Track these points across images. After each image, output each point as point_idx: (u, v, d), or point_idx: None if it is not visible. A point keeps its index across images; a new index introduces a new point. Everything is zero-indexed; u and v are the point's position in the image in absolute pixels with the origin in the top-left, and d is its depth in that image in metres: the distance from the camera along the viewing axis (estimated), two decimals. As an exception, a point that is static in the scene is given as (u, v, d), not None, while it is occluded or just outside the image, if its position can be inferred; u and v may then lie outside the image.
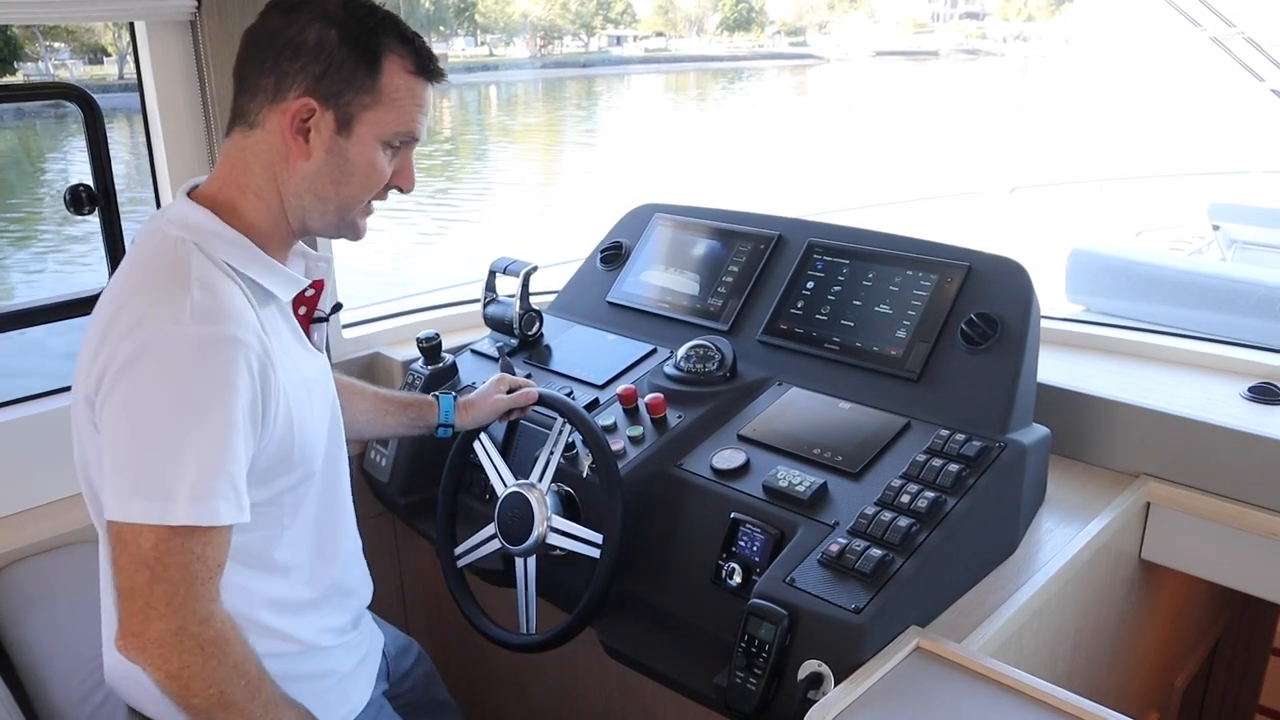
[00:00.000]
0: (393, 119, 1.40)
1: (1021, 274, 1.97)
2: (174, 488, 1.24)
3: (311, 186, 1.40)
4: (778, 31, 79.49)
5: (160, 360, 1.26)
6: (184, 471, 1.24)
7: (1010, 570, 1.81)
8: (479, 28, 61.78)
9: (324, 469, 1.53)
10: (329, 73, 1.35)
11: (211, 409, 1.26)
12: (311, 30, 1.35)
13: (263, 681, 1.35)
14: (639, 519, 1.88)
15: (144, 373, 1.26)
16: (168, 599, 1.25)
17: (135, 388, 1.26)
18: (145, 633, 1.26)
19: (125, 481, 1.25)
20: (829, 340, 2.09)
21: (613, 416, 2.05)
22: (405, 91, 1.40)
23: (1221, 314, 4.05)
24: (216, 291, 1.31)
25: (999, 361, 1.89)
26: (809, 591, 1.57)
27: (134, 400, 1.26)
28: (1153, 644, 2.41)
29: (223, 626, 1.30)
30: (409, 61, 1.40)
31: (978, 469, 1.73)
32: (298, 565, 1.52)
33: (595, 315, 2.46)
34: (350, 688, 1.63)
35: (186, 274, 1.31)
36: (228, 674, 1.30)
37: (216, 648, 1.29)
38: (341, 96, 1.36)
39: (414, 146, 1.48)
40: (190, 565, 1.26)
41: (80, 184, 2.15)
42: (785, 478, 1.79)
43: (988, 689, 1.48)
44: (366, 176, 1.42)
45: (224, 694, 1.30)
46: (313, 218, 1.44)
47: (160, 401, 1.26)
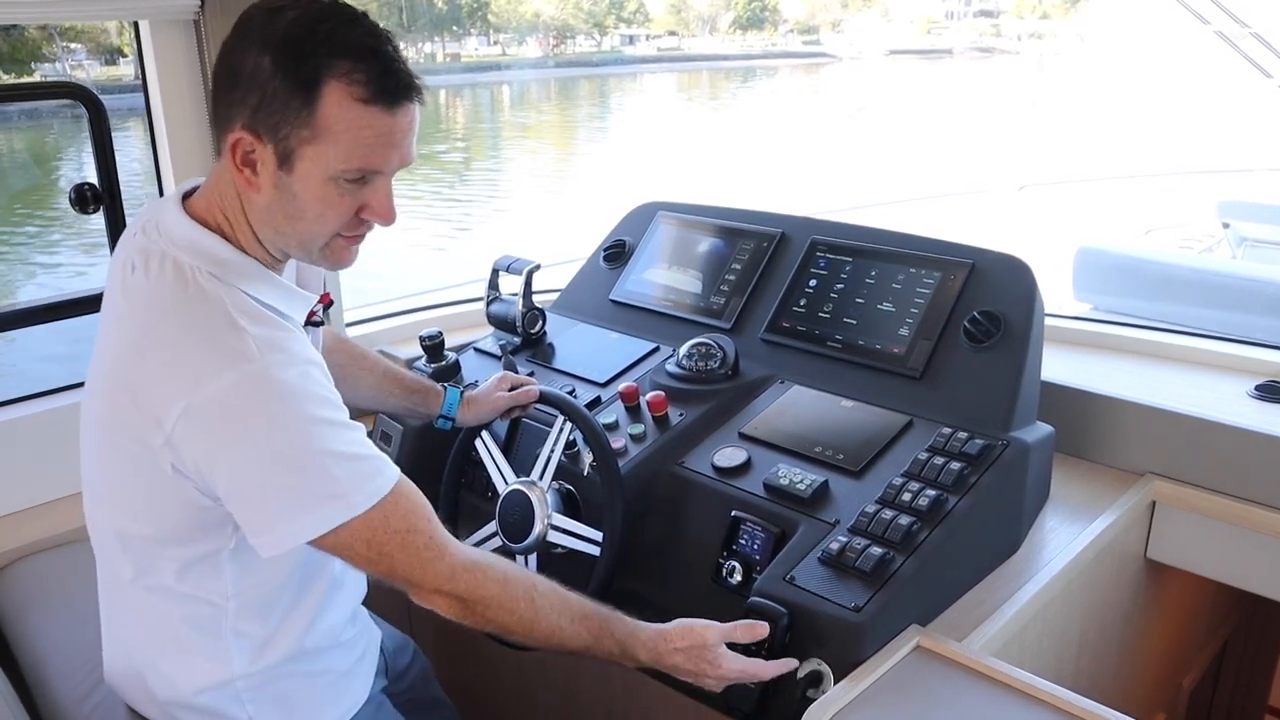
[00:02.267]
0: (337, 154, 1.26)
1: (1025, 271, 1.96)
2: (330, 493, 1.29)
3: (268, 219, 1.33)
4: (791, 30, 79.35)
5: (250, 403, 1.25)
6: (331, 476, 1.29)
7: (1013, 569, 1.80)
8: (492, 27, 61.84)
9: None
10: (264, 104, 1.24)
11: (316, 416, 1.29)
12: (249, 56, 1.24)
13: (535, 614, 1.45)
14: (640, 517, 1.88)
15: (244, 421, 1.25)
16: (406, 575, 1.38)
17: (247, 438, 1.26)
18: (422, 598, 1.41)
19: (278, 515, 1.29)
20: (831, 338, 2.08)
21: (614, 414, 2.04)
22: (351, 122, 1.25)
23: (1230, 312, 4.02)
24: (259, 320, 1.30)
25: (1002, 359, 1.88)
26: (809, 590, 1.57)
27: (253, 448, 1.26)
28: (1159, 644, 2.39)
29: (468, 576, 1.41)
30: (357, 88, 1.24)
31: (980, 467, 1.72)
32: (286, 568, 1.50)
33: (598, 313, 2.46)
34: (349, 685, 1.63)
35: (218, 308, 1.29)
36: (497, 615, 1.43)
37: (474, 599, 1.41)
38: (278, 130, 1.25)
39: (385, 177, 1.33)
40: (402, 533, 1.35)
41: (85, 183, 2.16)
42: (786, 476, 1.79)
43: (989, 688, 1.47)
44: (319, 214, 1.31)
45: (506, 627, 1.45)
46: (283, 247, 1.37)
47: (280, 440, 1.27)
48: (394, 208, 1.35)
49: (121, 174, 2.24)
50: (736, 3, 74.80)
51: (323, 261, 1.40)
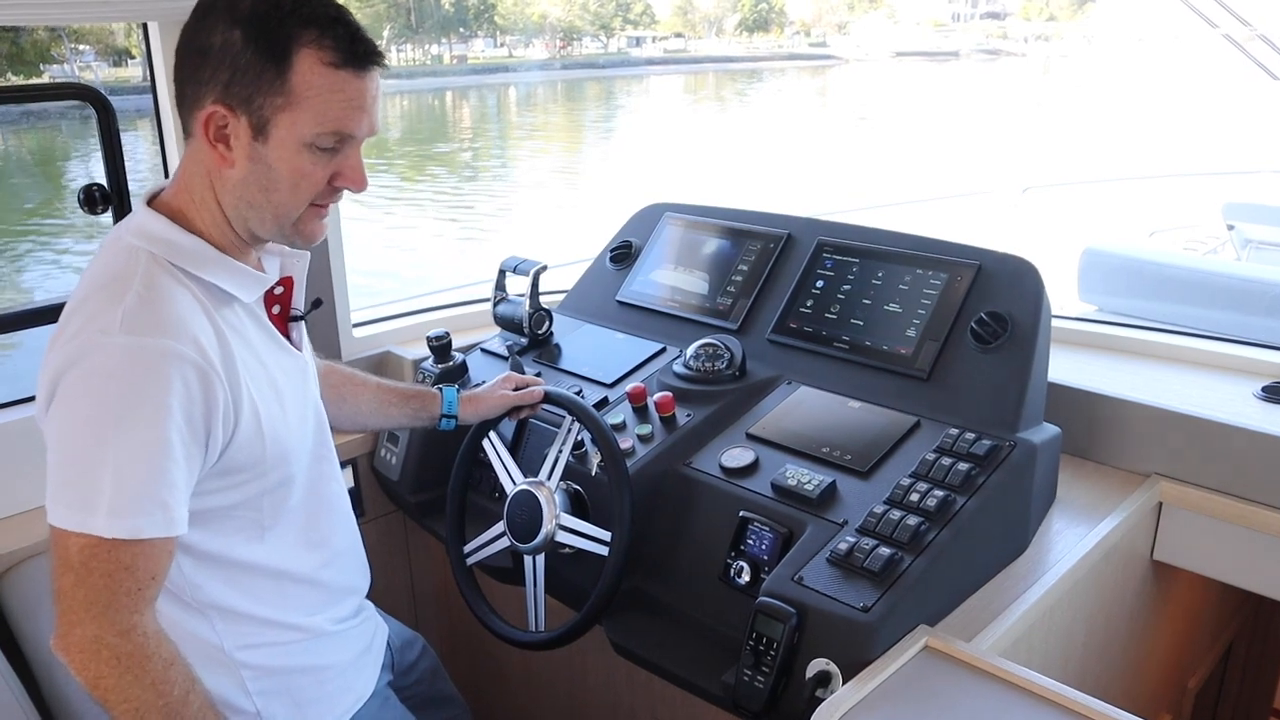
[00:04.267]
0: (311, 118, 1.29)
1: (1032, 272, 1.96)
2: (93, 500, 1.23)
3: (242, 194, 1.35)
4: (797, 32, 79.39)
5: (86, 370, 1.24)
6: (102, 486, 1.23)
7: (1020, 570, 1.80)
8: (498, 29, 61.91)
9: (308, 467, 1.53)
10: (236, 77, 1.27)
11: (134, 424, 1.24)
12: (217, 33, 1.28)
13: (184, 706, 1.30)
14: (648, 517, 1.88)
15: (72, 381, 1.25)
16: (87, 605, 1.25)
17: (64, 395, 1.25)
18: (68, 636, 1.26)
19: (53, 487, 1.26)
20: (838, 339, 2.08)
21: (621, 415, 2.05)
22: (324, 87, 1.29)
23: (1235, 314, 4.01)
24: (156, 300, 1.28)
25: (1009, 360, 1.88)
26: (817, 590, 1.57)
27: (62, 408, 1.26)
28: (1165, 645, 2.39)
29: (143, 640, 1.27)
30: (326, 53, 1.28)
31: (988, 468, 1.72)
32: (286, 562, 1.51)
33: (605, 314, 2.46)
34: (353, 678, 1.64)
35: (129, 281, 1.29)
36: (144, 692, 1.27)
37: (134, 662, 1.26)
38: (252, 100, 1.28)
39: (356, 143, 1.36)
40: (115, 574, 1.25)
41: (94, 184, 2.17)
42: (794, 476, 1.79)
43: (997, 688, 1.47)
44: (294, 183, 1.33)
45: (138, 711, 1.27)
46: (255, 225, 1.38)
47: (82, 412, 1.25)
48: (365, 173, 1.37)
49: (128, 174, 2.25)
50: (742, 5, 74.83)
51: (295, 236, 1.40)
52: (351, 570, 1.67)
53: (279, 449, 1.43)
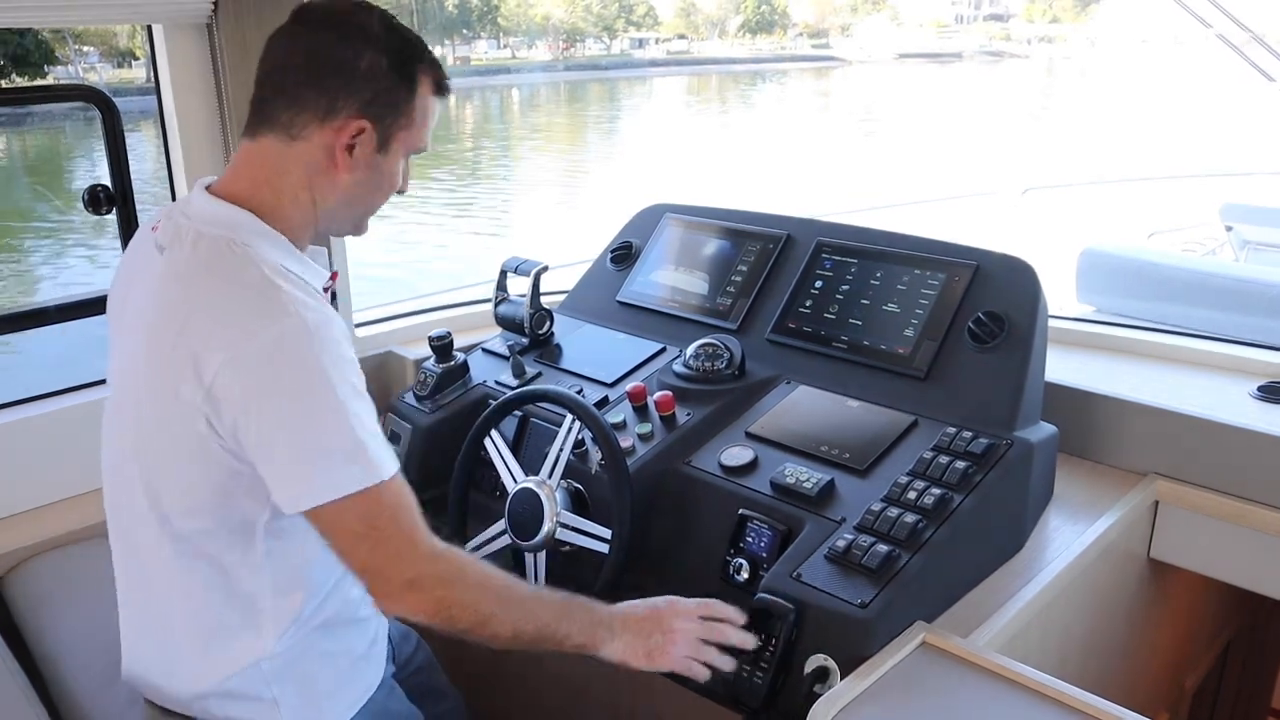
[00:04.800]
0: (418, 136, 1.52)
1: (1029, 273, 1.97)
2: (362, 456, 1.34)
3: (347, 196, 1.50)
4: (800, 34, 79.40)
5: (293, 354, 1.33)
6: (362, 441, 1.35)
7: (1017, 567, 1.81)
8: (501, 31, 61.97)
9: None
10: (379, 97, 1.44)
11: (344, 379, 1.36)
12: (364, 56, 1.43)
13: (509, 589, 1.48)
14: (648, 515, 1.90)
15: (285, 371, 1.33)
16: (394, 559, 1.38)
17: (284, 387, 1.34)
18: (391, 593, 1.40)
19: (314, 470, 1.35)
20: (837, 339, 2.10)
21: (622, 414, 2.06)
22: (429, 112, 1.52)
23: (1233, 314, 4.02)
24: (290, 281, 1.39)
25: (1006, 360, 1.89)
26: (816, 586, 1.58)
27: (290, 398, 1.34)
28: (1162, 644, 2.40)
29: (447, 556, 1.43)
30: (433, 84, 1.51)
31: (985, 466, 1.73)
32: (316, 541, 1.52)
33: (605, 314, 2.48)
34: (365, 667, 1.66)
35: (259, 270, 1.37)
36: (474, 593, 1.43)
37: (453, 575, 1.42)
38: (385, 118, 1.46)
39: None
40: (399, 516, 1.39)
41: (99, 185, 2.19)
42: (793, 474, 1.80)
43: (994, 684, 1.49)
44: (391, 185, 1.54)
45: (480, 612, 1.43)
46: (338, 222, 1.54)
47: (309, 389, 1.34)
48: None
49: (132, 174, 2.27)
50: (745, 6, 74.85)
51: (360, 231, 1.59)
52: None
53: None
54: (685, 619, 1.56)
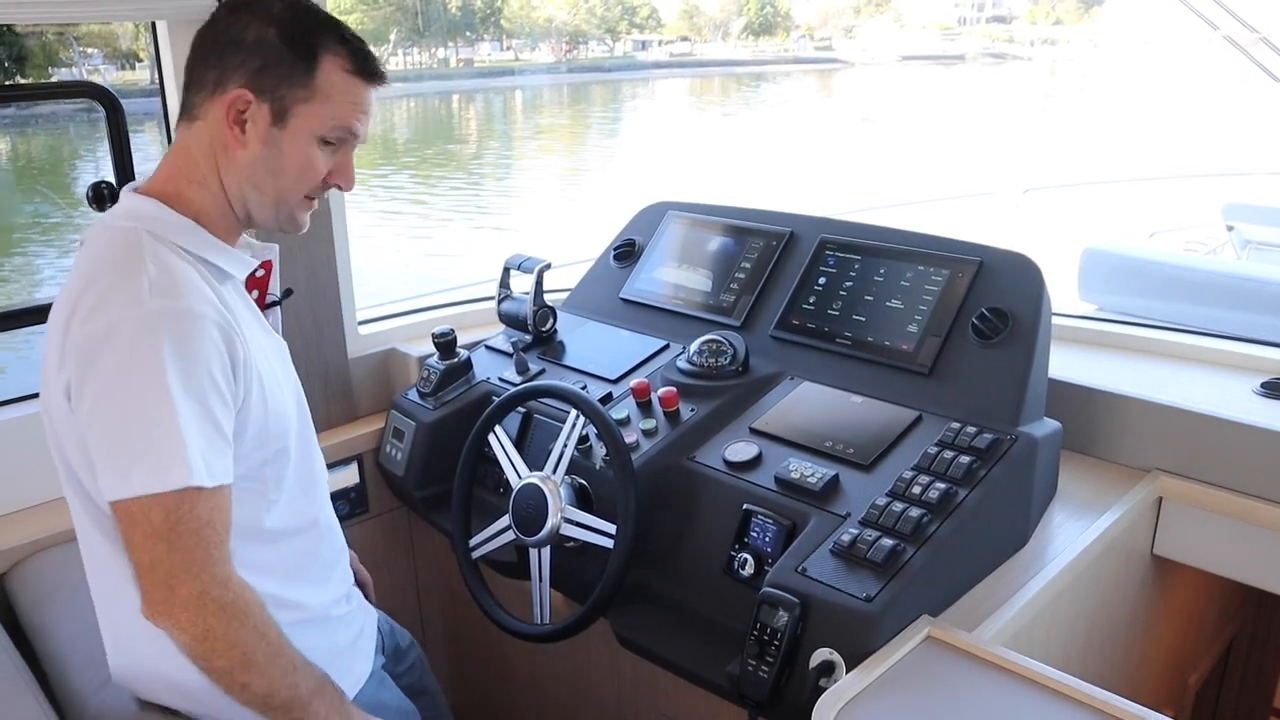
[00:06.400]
0: (327, 113, 1.45)
1: (1033, 269, 1.97)
2: (172, 458, 1.29)
3: (249, 177, 1.46)
4: (803, 36, 79.35)
5: (130, 339, 1.30)
6: (175, 443, 1.29)
7: (1021, 563, 1.81)
8: (504, 33, 61.99)
9: (297, 445, 1.57)
10: (266, 67, 1.42)
11: (186, 381, 1.31)
12: (252, 28, 1.42)
13: (282, 644, 1.42)
14: (652, 511, 1.90)
15: (117, 353, 1.31)
16: (186, 565, 1.32)
17: (112, 368, 1.31)
18: (170, 600, 1.32)
19: (123, 459, 1.31)
20: (841, 335, 2.10)
21: (626, 410, 2.06)
22: (341, 89, 1.45)
23: (1236, 312, 4.01)
24: (172, 269, 1.36)
25: (1010, 355, 1.89)
26: (821, 581, 1.58)
27: (113, 380, 1.31)
28: (1165, 642, 2.40)
29: (240, 589, 1.37)
30: (346, 61, 1.46)
31: (989, 461, 1.73)
32: (288, 537, 1.57)
33: (608, 311, 2.48)
34: (351, 661, 1.67)
35: (140, 256, 1.35)
36: (249, 635, 1.36)
37: (238, 609, 1.36)
38: (277, 90, 1.42)
39: (353, 146, 1.51)
40: (201, 530, 1.32)
41: (102, 181, 2.19)
42: (797, 469, 1.80)
43: (999, 677, 1.49)
44: (301, 170, 1.46)
45: (246, 655, 1.36)
46: (253, 208, 1.48)
47: (140, 378, 1.30)
48: (354, 175, 1.53)
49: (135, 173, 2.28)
50: (748, 9, 74.84)
51: (287, 223, 1.51)
52: (337, 547, 1.71)
53: (278, 416, 1.49)
54: None
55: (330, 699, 1.48)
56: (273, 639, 1.40)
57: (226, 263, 1.47)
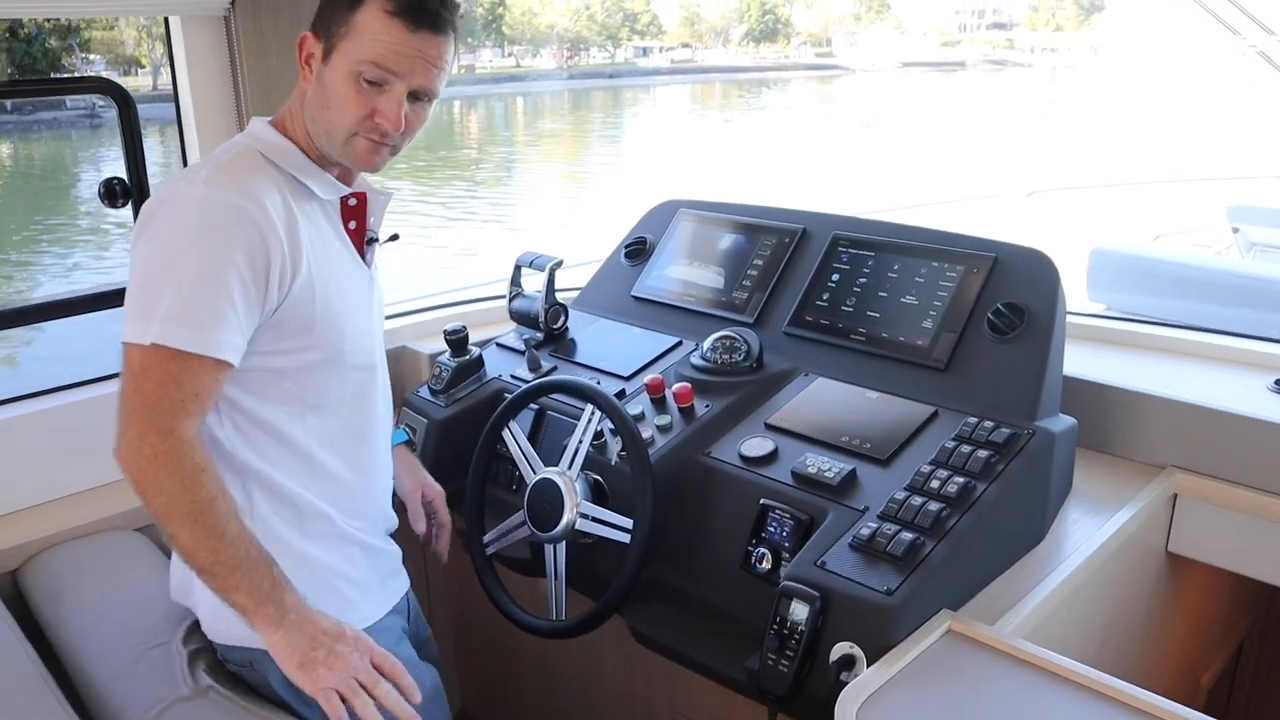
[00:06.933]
0: (358, 51, 1.50)
1: (1048, 264, 1.97)
2: (152, 315, 1.41)
3: (310, 111, 1.58)
4: (804, 42, 79.50)
5: (167, 212, 1.47)
6: (161, 303, 1.41)
7: (1038, 558, 1.81)
8: (506, 39, 62.09)
9: (360, 372, 1.67)
10: (324, 9, 1.54)
11: (198, 257, 1.43)
12: None
13: (211, 506, 1.43)
14: (667, 507, 1.89)
15: (154, 221, 1.48)
16: (137, 408, 1.42)
17: (145, 232, 1.48)
18: (121, 439, 1.43)
19: (128, 307, 1.45)
20: (855, 331, 2.09)
21: (640, 406, 2.06)
22: (376, 29, 1.50)
23: (1244, 310, 4.01)
24: (239, 169, 1.52)
25: (1026, 350, 1.89)
26: (840, 574, 1.58)
27: (142, 242, 1.48)
28: (1179, 640, 2.39)
29: (178, 443, 1.42)
30: (388, 3, 1.50)
31: (1007, 455, 1.73)
32: (322, 452, 1.64)
33: (620, 309, 2.47)
34: (360, 598, 1.69)
35: (222, 156, 1.55)
36: (174, 486, 1.41)
37: (169, 459, 1.41)
38: (329, 29, 1.52)
39: (398, 88, 1.53)
40: (164, 383, 1.41)
41: (114, 177, 2.19)
42: (814, 464, 1.80)
43: (1021, 670, 1.48)
44: (340, 104, 1.53)
45: (169, 504, 1.42)
46: (319, 139, 1.59)
47: (157, 245, 1.46)
48: (401, 117, 1.54)
49: None
50: (749, 15, 74.98)
51: (347, 155, 1.57)
52: (381, 500, 1.77)
53: (331, 323, 1.58)
54: (358, 655, 1.50)
55: (258, 577, 1.46)
56: (200, 498, 1.42)
57: (312, 183, 1.59)
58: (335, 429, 1.65)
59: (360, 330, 1.66)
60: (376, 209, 1.74)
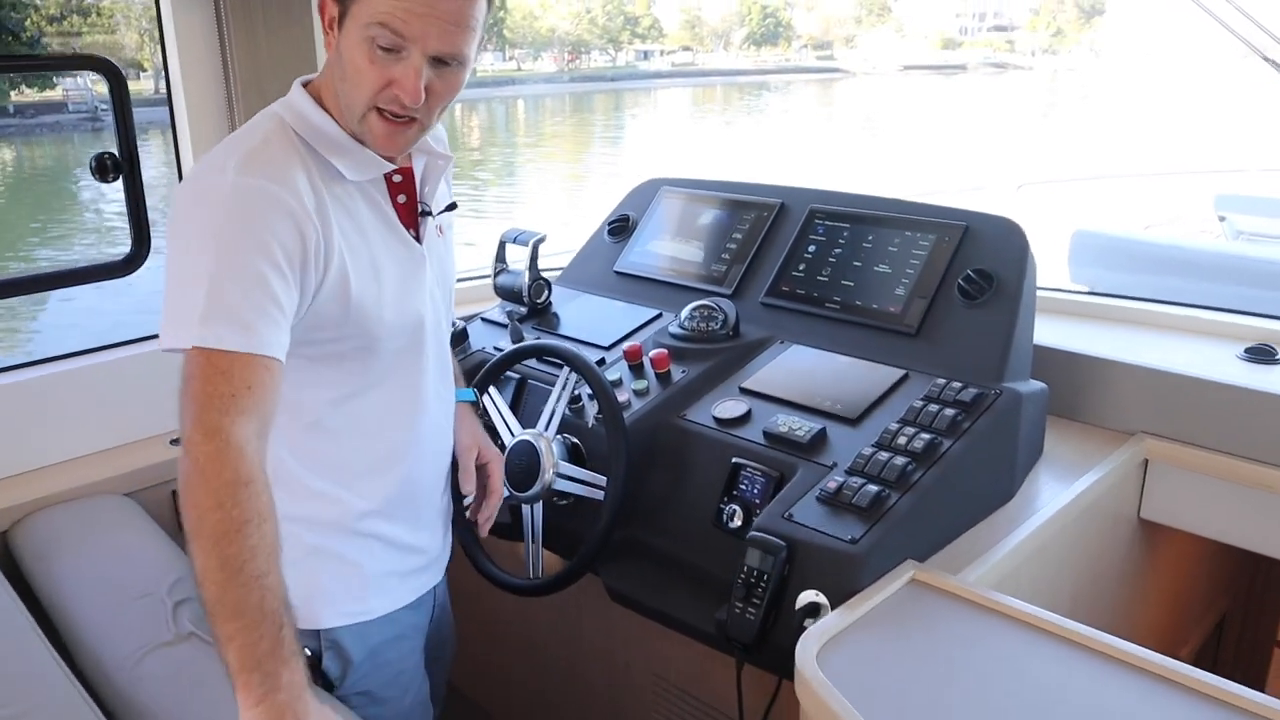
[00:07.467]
0: (367, 9, 1.35)
1: (1017, 232, 2.01)
2: (190, 314, 1.31)
3: (334, 83, 1.45)
4: (804, 46, 79.59)
5: (198, 201, 1.37)
6: (198, 301, 1.31)
7: (1006, 516, 1.84)
8: (507, 43, 62.16)
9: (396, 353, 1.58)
10: None
11: (232, 251, 1.33)
12: None
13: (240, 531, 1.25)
14: (643, 468, 1.93)
15: (185, 210, 1.38)
16: (188, 407, 1.30)
17: (175, 227, 1.37)
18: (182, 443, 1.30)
19: (163, 313, 1.35)
20: (830, 300, 2.13)
21: (619, 373, 2.09)
22: None
23: (1224, 287, 4.04)
24: (271, 152, 1.41)
25: (995, 315, 1.93)
26: (807, 525, 1.62)
27: (173, 238, 1.37)
28: (1155, 613, 2.42)
29: (223, 447, 1.27)
30: None
31: (973, 414, 1.77)
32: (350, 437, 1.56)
33: (603, 284, 2.51)
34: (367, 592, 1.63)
35: (255, 136, 1.43)
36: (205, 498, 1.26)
37: (207, 465, 1.26)
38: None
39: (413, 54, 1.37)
40: (212, 378, 1.30)
41: (105, 152, 2.23)
42: (785, 424, 1.84)
43: (985, 616, 1.51)
44: (356, 75, 1.40)
45: (195, 521, 1.26)
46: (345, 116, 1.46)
47: (189, 238, 1.36)
48: (419, 88, 1.39)
49: None
50: (750, 19, 75.03)
51: (366, 134, 1.45)
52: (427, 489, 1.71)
53: (366, 313, 1.49)
54: None
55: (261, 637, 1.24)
56: (230, 518, 1.25)
57: (343, 165, 1.47)
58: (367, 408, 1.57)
59: (404, 313, 1.56)
60: (432, 177, 1.61)
